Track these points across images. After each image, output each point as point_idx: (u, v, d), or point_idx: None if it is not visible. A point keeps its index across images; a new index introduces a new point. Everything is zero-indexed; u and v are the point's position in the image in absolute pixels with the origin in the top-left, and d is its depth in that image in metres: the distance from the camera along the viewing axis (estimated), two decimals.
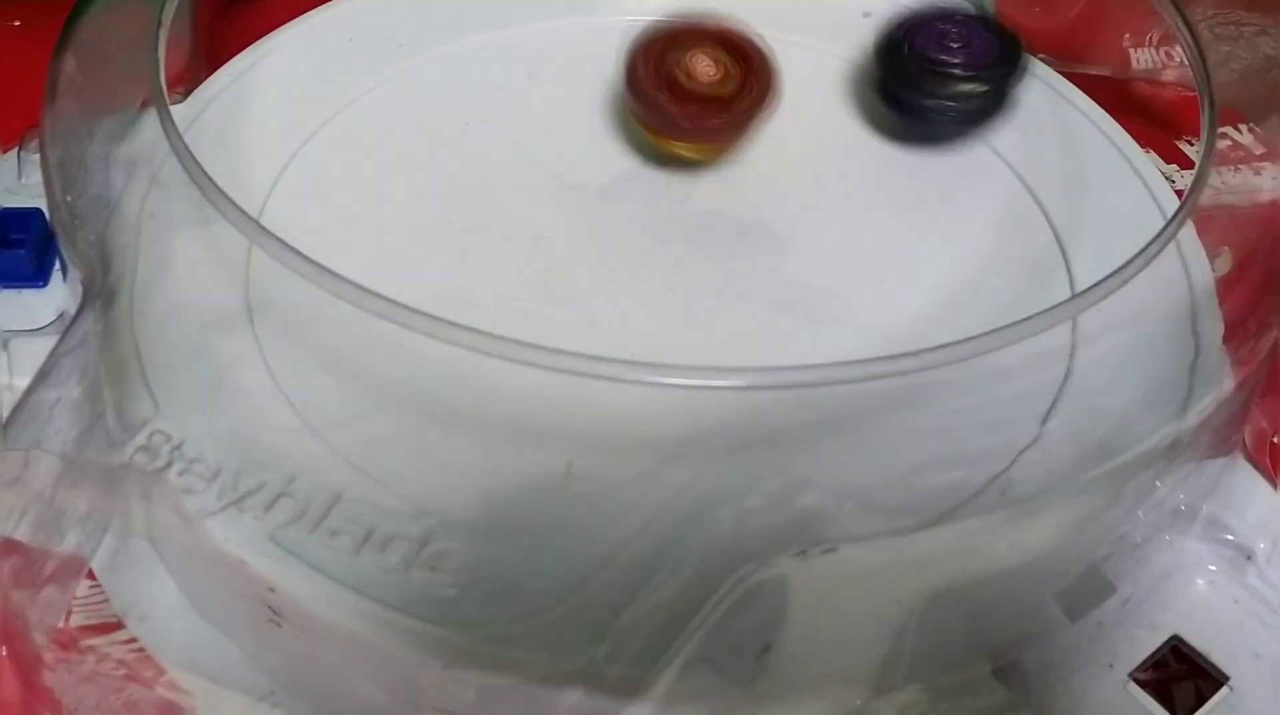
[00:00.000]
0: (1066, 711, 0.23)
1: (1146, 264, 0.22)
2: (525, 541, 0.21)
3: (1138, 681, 0.23)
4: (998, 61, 0.28)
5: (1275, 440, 0.27)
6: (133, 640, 0.23)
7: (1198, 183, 0.24)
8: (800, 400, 0.23)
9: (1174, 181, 0.30)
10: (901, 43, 0.29)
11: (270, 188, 0.28)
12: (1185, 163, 0.35)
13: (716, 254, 0.27)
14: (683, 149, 0.28)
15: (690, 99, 0.27)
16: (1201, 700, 0.23)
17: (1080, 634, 0.23)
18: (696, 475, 0.22)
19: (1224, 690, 0.23)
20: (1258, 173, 0.32)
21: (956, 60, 0.28)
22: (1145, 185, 0.29)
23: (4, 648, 0.22)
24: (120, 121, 0.27)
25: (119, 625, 0.23)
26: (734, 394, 0.23)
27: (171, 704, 0.23)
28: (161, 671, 0.23)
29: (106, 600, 0.24)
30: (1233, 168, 0.32)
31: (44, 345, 0.26)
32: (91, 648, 0.23)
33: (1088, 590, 0.23)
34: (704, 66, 0.27)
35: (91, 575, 0.24)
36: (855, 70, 0.32)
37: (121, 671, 0.23)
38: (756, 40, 0.28)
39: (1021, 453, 0.23)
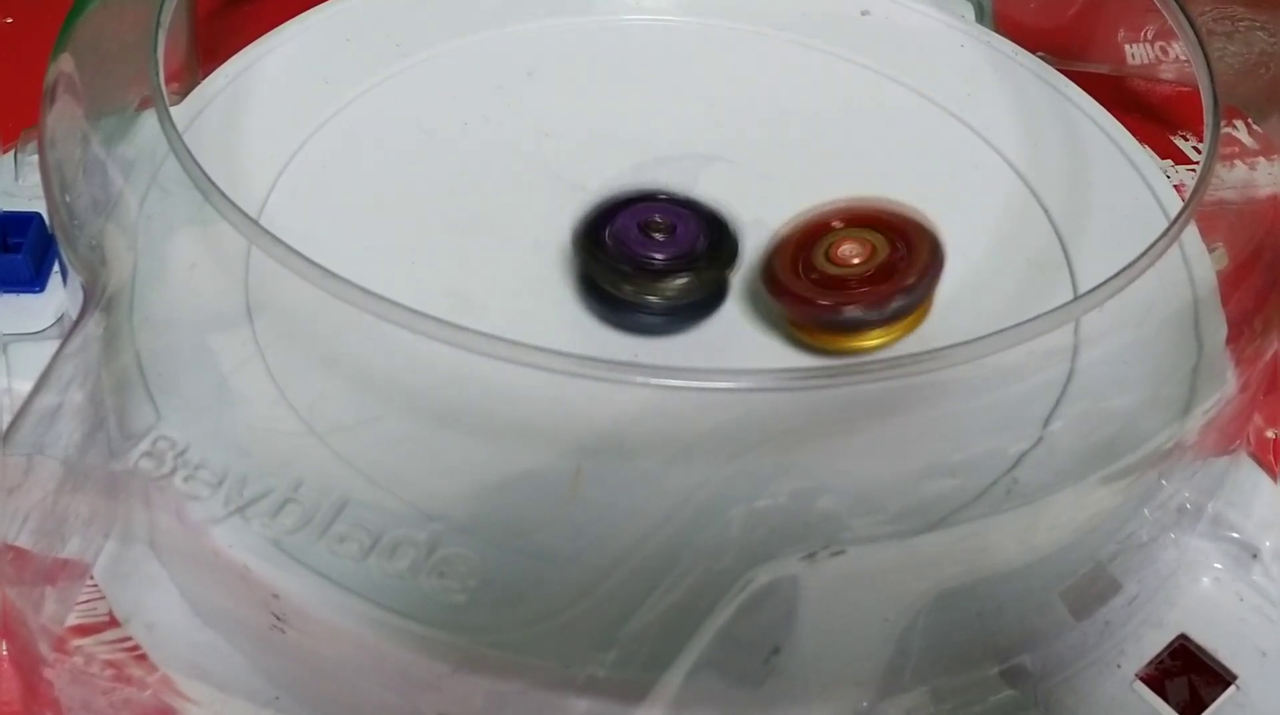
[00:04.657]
0: (1073, 711, 0.23)
1: (1152, 263, 0.22)
2: (534, 546, 0.21)
3: (1145, 680, 0.23)
4: (707, 252, 0.25)
5: (1269, 435, 0.27)
6: (119, 641, 0.23)
7: (1202, 182, 0.24)
8: (806, 402, 0.23)
9: (1169, 177, 0.30)
10: (602, 229, 0.25)
11: (268, 189, 0.28)
12: (1180, 158, 0.35)
13: None
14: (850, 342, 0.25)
15: (836, 285, 0.24)
16: (1209, 699, 0.23)
17: (1087, 633, 0.23)
18: (705, 478, 0.22)
19: (1231, 689, 0.23)
20: (1253, 168, 0.32)
21: (658, 254, 0.25)
22: (1146, 183, 0.29)
23: (4, 645, 0.22)
24: (118, 122, 0.27)
25: (106, 626, 0.23)
26: (740, 396, 0.23)
27: (164, 707, 0.22)
28: (153, 672, 0.23)
29: (91, 601, 0.24)
30: (1228, 163, 0.32)
31: (43, 349, 0.26)
32: (78, 648, 0.23)
33: (1094, 589, 0.23)
34: (848, 249, 0.24)
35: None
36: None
37: (109, 673, 0.22)
38: (908, 212, 0.25)
39: (1025, 454, 0.23)
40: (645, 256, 0.25)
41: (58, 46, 0.27)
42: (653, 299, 0.25)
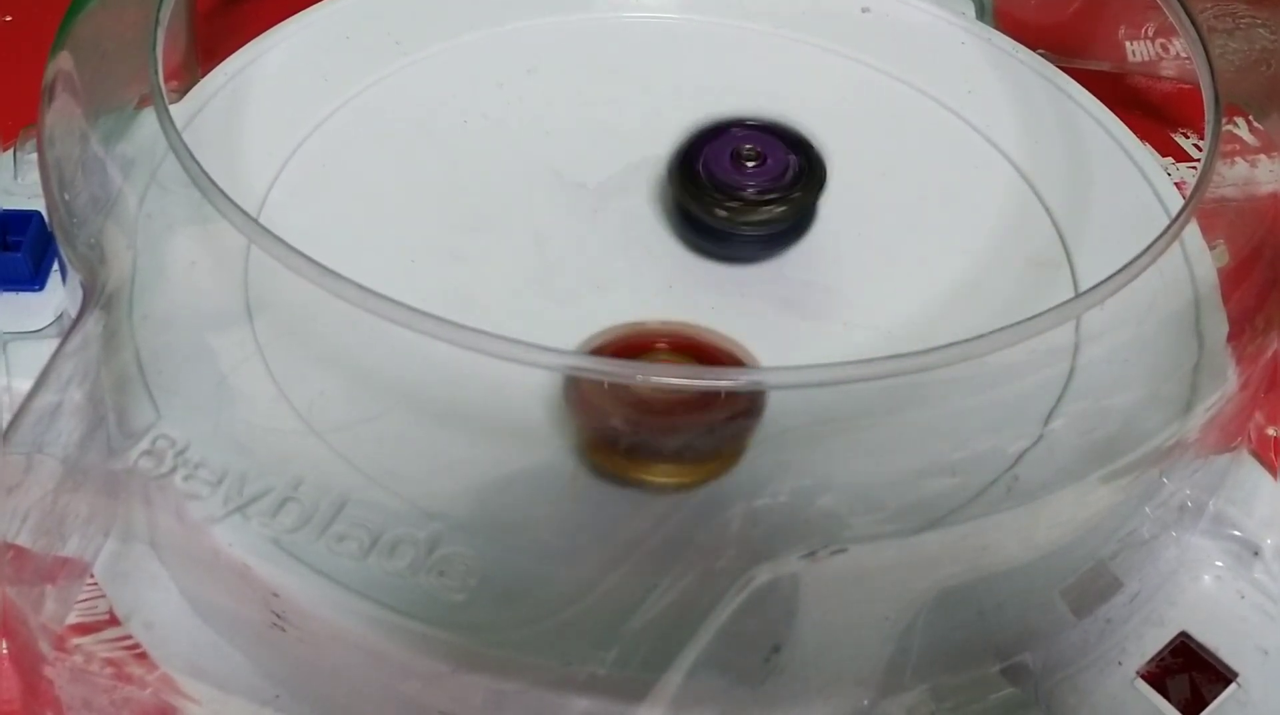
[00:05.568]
0: (1075, 709, 0.23)
1: (1153, 261, 0.22)
2: (533, 544, 0.21)
3: (1146, 678, 0.23)
4: (796, 179, 0.26)
5: (1270, 432, 0.27)
6: (119, 639, 0.23)
7: (1203, 179, 0.24)
8: (805, 399, 0.23)
9: (1170, 174, 0.30)
10: (695, 160, 0.26)
11: (268, 187, 0.28)
12: (1181, 156, 0.35)
13: None
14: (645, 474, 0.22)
15: (641, 408, 0.21)
16: (1210, 696, 0.23)
17: (1088, 631, 0.23)
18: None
19: (1232, 687, 0.23)
20: (1254, 165, 0.32)
21: (750, 183, 0.26)
22: (1147, 180, 0.29)
23: (4, 644, 0.22)
24: (117, 120, 0.26)
25: (106, 624, 0.23)
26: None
27: (164, 705, 0.22)
28: (153, 670, 0.23)
29: (91, 599, 0.24)
30: (1229, 160, 0.32)
31: (42, 348, 0.26)
32: (78, 646, 0.23)
33: (1095, 587, 0.23)
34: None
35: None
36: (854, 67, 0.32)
37: (109, 671, 0.22)
38: (727, 344, 0.24)
39: (1026, 452, 0.23)
40: (739, 185, 0.26)
41: (56, 44, 0.27)
42: (746, 229, 0.26)
